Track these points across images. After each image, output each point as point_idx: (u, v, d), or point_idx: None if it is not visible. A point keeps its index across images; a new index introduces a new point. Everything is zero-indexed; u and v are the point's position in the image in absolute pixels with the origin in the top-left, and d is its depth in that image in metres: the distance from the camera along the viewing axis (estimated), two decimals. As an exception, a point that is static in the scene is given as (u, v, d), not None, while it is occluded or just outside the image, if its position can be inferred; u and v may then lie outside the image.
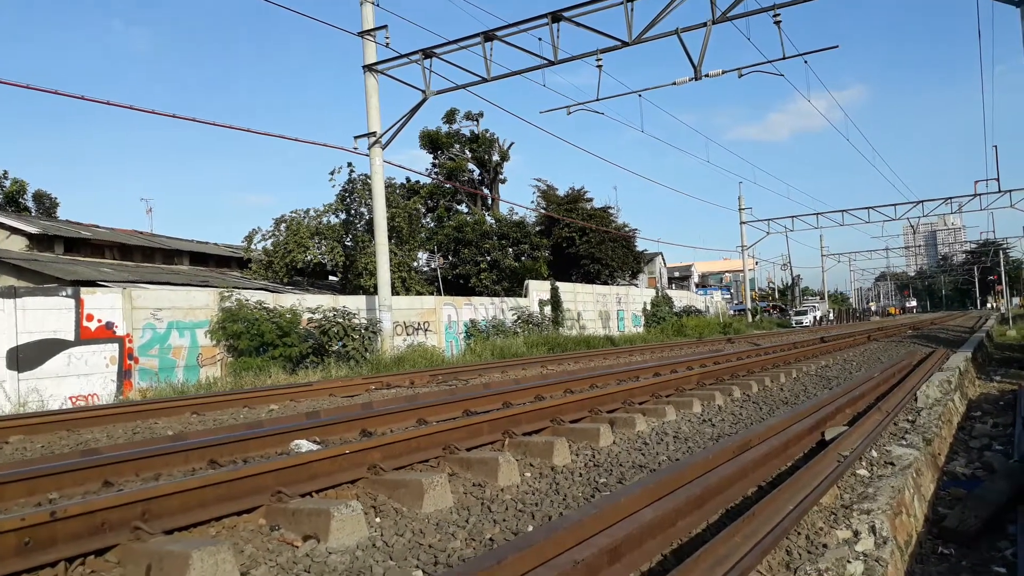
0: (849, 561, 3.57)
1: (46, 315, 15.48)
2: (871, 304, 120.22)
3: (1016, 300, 78.17)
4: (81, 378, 15.80)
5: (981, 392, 11.96)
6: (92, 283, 18.26)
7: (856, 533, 3.93)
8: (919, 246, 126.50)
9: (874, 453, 5.76)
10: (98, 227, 29.63)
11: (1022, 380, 12.87)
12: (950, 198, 45.25)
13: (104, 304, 16.51)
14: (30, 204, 39.56)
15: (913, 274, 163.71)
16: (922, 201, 45.89)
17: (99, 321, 16.34)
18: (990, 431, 8.47)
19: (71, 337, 15.84)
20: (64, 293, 16.05)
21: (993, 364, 17.18)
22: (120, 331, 16.68)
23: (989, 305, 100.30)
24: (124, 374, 16.56)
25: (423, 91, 19.97)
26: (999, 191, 41.58)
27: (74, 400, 15.41)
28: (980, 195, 42.91)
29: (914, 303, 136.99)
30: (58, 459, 6.46)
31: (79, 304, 16.05)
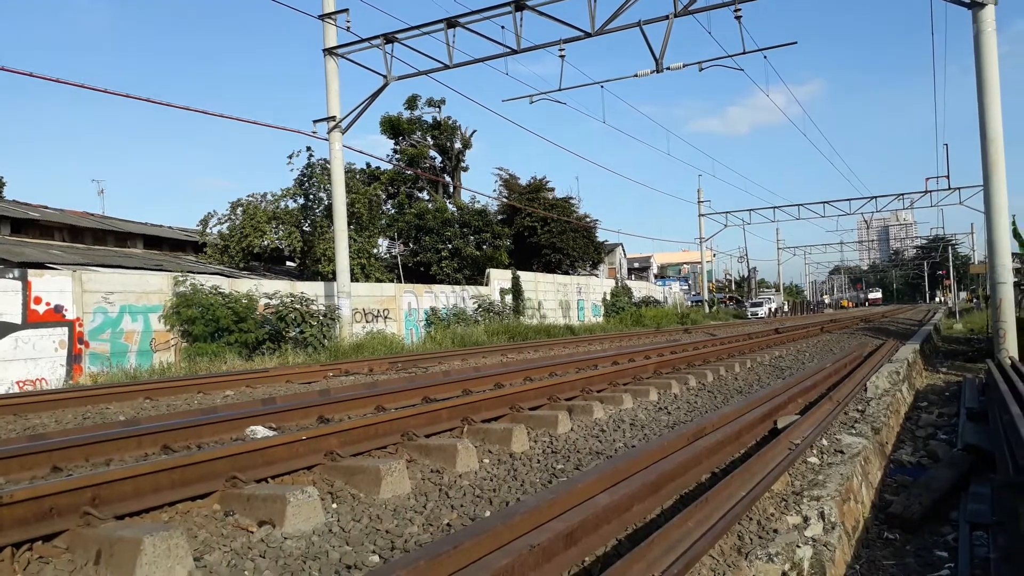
0: (798, 546, 3.66)
1: (-8, 297, 15.04)
2: (825, 297, 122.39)
3: (963, 295, 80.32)
4: (28, 362, 15.39)
5: (928, 383, 12.30)
6: (40, 265, 17.77)
7: (806, 519, 4.03)
8: (872, 241, 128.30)
9: (824, 441, 5.90)
10: (47, 208, 28.82)
11: (967, 372, 13.27)
12: (902, 194, 46.32)
13: (53, 287, 16.09)
14: (-25, 183, 38.28)
15: (866, 268, 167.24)
16: (875, 197, 46.92)
17: (47, 304, 15.91)
18: (936, 421, 8.72)
19: (18, 320, 15.40)
20: (10, 275, 15.59)
21: (940, 356, 17.68)
22: (70, 315, 16.27)
23: (938, 299, 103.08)
24: (74, 358, 16.17)
25: (384, 76, 19.79)
26: (949, 188, 42.70)
27: (21, 385, 15.01)
28: (931, 192, 44.05)
29: (878, 294, 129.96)
30: (4, 444, 6.30)
31: (26, 287, 15.61)
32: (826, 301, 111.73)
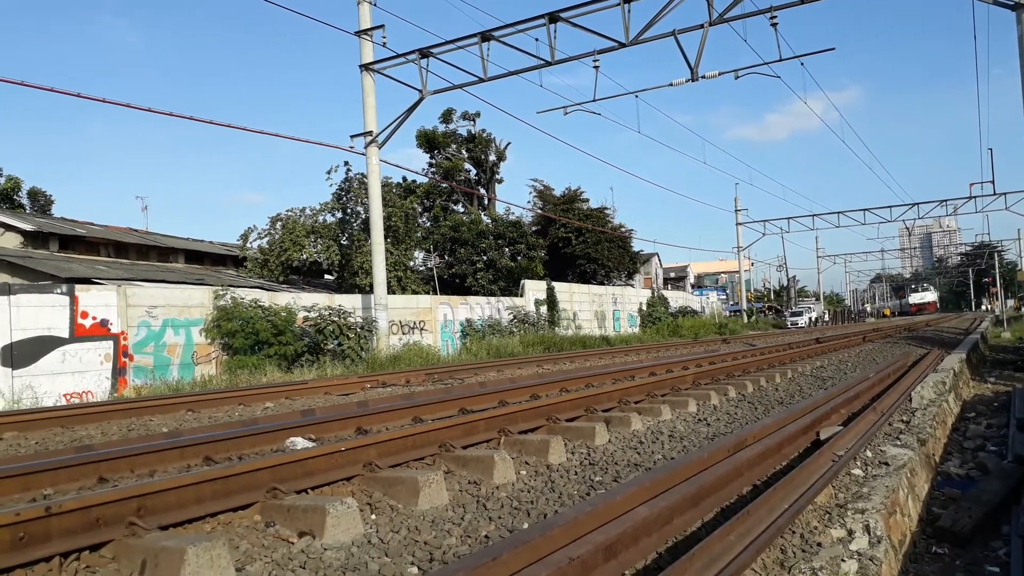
0: (843, 560, 3.58)
1: (40, 312, 15.44)
2: (866, 305, 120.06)
3: (1011, 302, 78.27)
4: (76, 375, 15.76)
5: (975, 393, 11.99)
6: (87, 280, 18.21)
7: (851, 532, 3.94)
8: (914, 248, 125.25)
9: (869, 453, 5.78)
10: (93, 225, 29.55)
11: (1016, 382, 12.91)
12: (945, 200, 45.35)
13: (99, 301, 16.47)
14: (25, 201, 39.39)
15: (908, 276, 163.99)
16: (917, 203, 45.96)
17: (94, 318, 16.29)
18: (984, 432, 8.49)
19: (66, 334, 15.79)
20: (59, 290, 16.00)
21: (987, 365, 17.23)
22: (115, 328, 16.64)
23: (984, 307, 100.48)
24: (119, 371, 16.52)
25: (420, 91, 19.96)
26: (994, 193, 41.69)
27: (68, 397, 15.37)
28: (975, 197, 43.01)
29: (931, 296, 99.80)
30: (53, 455, 6.45)
31: (74, 301, 16.01)
32: (867, 310, 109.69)
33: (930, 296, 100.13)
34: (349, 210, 30.30)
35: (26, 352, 15.12)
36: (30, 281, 18.15)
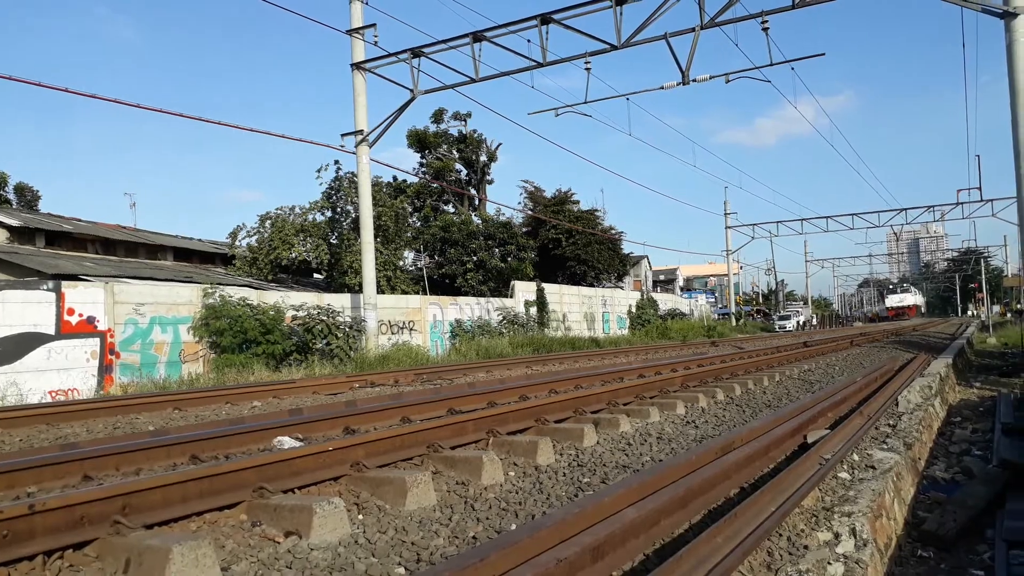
0: (829, 563, 3.59)
1: (26, 308, 15.31)
2: (853, 310, 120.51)
3: (996, 308, 78.76)
4: (61, 372, 15.64)
5: (961, 398, 12.07)
6: (74, 277, 18.08)
7: (837, 535, 3.96)
8: (902, 253, 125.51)
9: (855, 456, 5.80)
10: (81, 221, 29.34)
11: (1001, 387, 13.00)
12: (933, 206, 45.70)
13: (86, 298, 16.36)
14: (11, 197, 39.09)
15: (896, 281, 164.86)
16: (905, 209, 46.29)
17: (80, 315, 16.17)
18: (970, 436, 8.55)
19: (51, 331, 15.67)
20: (45, 286, 15.87)
21: (973, 371, 17.35)
22: (101, 326, 16.52)
23: (970, 312, 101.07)
24: (105, 369, 16.41)
25: (411, 90, 19.94)
26: (981, 200, 42.03)
27: (54, 395, 15.25)
28: (962, 204, 43.39)
29: (914, 298, 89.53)
30: (37, 453, 6.39)
31: (60, 298, 15.89)
32: (854, 314, 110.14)
33: (911, 298, 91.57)
34: (339, 209, 30.22)
35: (11, 349, 14.99)
36: (16, 277, 17.99)
